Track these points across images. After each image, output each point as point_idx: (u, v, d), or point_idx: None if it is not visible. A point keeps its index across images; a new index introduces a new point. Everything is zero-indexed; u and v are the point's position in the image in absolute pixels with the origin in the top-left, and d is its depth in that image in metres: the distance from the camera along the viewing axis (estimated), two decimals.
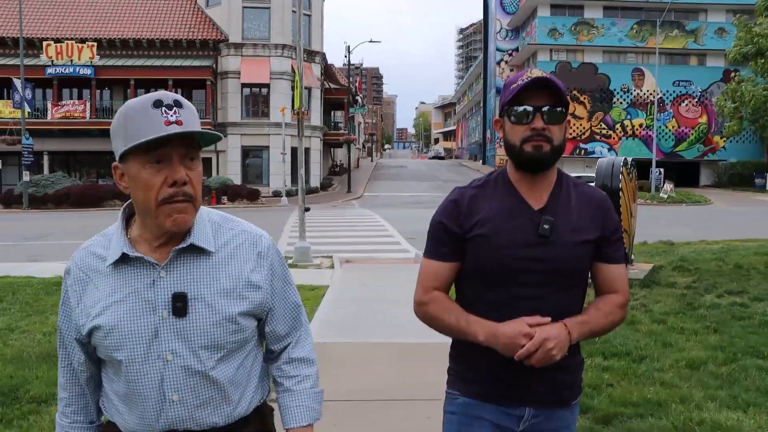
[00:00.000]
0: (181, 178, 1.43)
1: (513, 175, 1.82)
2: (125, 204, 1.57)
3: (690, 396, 4.09)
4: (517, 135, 1.75)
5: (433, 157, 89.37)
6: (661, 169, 41.64)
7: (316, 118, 41.66)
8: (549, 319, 1.66)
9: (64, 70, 36.24)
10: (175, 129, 1.40)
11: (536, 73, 1.76)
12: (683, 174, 48.82)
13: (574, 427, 1.89)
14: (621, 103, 49.83)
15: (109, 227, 1.56)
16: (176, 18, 40.53)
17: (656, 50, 41.54)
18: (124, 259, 1.49)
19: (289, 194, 34.13)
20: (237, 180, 37.19)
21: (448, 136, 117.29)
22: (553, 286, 1.73)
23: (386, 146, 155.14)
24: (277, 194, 35.19)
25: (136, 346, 1.46)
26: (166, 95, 1.45)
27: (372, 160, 77.30)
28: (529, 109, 1.73)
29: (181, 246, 1.49)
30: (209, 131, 1.48)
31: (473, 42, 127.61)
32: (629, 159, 8.32)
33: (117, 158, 1.48)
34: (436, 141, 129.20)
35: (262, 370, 1.67)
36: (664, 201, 34.50)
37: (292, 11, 39.37)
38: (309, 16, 39.93)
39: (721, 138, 47.45)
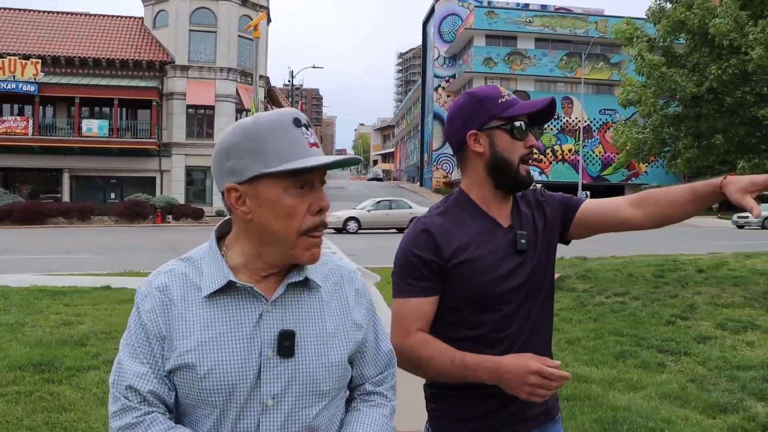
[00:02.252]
0: (327, 206, 1.32)
1: (481, 196, 1.76)
2: (217, 226, 1.43)
3: (563, 359, 5.64)
4: (516, 152, 1.70)
5: (372, 179, 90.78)
6: (587, 192, 44.42)
7: None
8: (558, 363, 1.55)
9: (6, 86, 36.27)
10: (318, 153, 1.30)
11: (506, 91, 1.75)
12: (609, 196, 51.74)
13: None
14: (552, 129, 52.66)
15: (191, 253, 1.39)
16: (123, 38, 41.07)
17: (582, 81, 44.57)
18: (226, 289, 1.31)
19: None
20: (181, 199, 37.81)
21: (387, 157, 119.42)
22: (537, 297, 1.72)
23: None
24: (220, 213, 35.99)
25: (238, 389, 1.27)
26: (301, 114, 1.32)
27: None
28: (522, 125, 1.70)
29: (295, 279, 1.35)
30: (356, 158, 1.35)
31: (412, 66, 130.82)
32: (538, 186, 9.97)
33: (238, 179, 1.29)
34: (375, 162, 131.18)
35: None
36: None
37: (238, 36, 40.61)
38: (253, 40, 41.07)
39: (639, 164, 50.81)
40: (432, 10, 62.20)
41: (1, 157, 37.15)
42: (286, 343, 1.30)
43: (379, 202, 29.54)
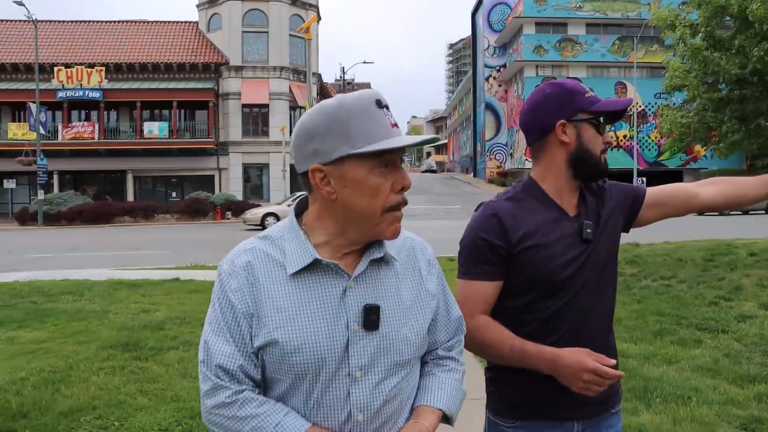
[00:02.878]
0: (409, 184, 1.36)
1: (554, 185, 1.79)
2: (295, 203, 1.49)
3: None
4: (598, 145, 1.76)
5: (426, 171, 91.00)
6: (644, 179, 43.70)
7: None
8: (614, 362, 1.61)
9: (74, 93, 38.17)
10: (399, 133, 1.35)
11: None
12: (667, 182, 50.64)
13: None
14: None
15: (269, 231, 1.43)
16: (179, 42, 42.55)
17: (634, 65, 43.83)
18: (309, 267, 1.35)
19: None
20: (239, 196, 39.00)
21: (440, 149, 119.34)
22: (598, 285, 1.75)
23: None
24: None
25: (328, 363, 1.33)
26: (381, 95, 1.36)
27: None
28: (601, 119, 1.78)
29: (377, 256, 1.40)
30: (433, 137, 1.40)
31: (463, 57, 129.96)
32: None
33: (324, 159, 1.33)
34: (429, 155, 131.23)
35: None
36: None
37: (289, 35, 41.52)
38: (305, 39, 41.96)
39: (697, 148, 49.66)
40: (480, 0, 61.93)
41: (70, 161, 39.09)
42: (372, 317, 1.35)
43: (298, 196, 29.64)
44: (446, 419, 1.48)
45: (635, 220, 1.88)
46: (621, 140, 51.39)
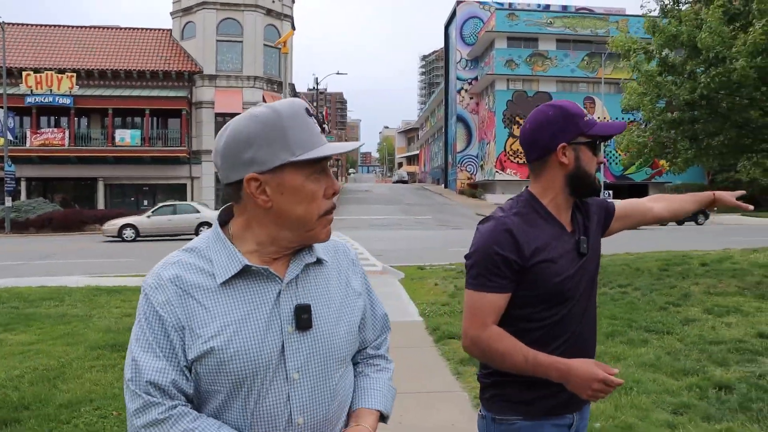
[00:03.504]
0: (338, 189, 1.41)
1: (553, 202, 1.90)
2: (219, 213, 1.48)
3: None
4: (593, 165, 1.88)
5: (397, 181, 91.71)
6: (610, 191, 44.83)
7: None
8: (617, 371, 1.72)
9: (44, 99, 37.84)
10: (338, 144, 1.42)
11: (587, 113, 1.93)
12: (633, 195, 52.23)
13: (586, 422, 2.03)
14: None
15: (193, 244, 1.42)
16: (153, 50, 42.53)
17: (602, 80, 45.09)
18: (240, 274, 1.36)
19: None
20: (212, 205, 39.02)
21: (412, 160, 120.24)
22: (590, 293, 1.91)
23: (351, 170, 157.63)
24: None
25: (265, 367, 1.32)
26: (304, 103, 1.39)
27: None
28: (597, 141, 1.90)
29: (310, 260, 1.44)
30: (355, 145, 1.43)
31: (436, 68, 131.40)
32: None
33: (260, 168, 1.33)
34: (400, 165, 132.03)
35: None
36: None
37: (264, 45, 41.85)
38: (278, 49, 42.34)
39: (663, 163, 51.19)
40: (453, 13, 62.96)
41: (40, 168, 38.77)
42: (304, 316, 1.36)
43: (160, 207, 27.52)
44: (382, 418, 1.53)
45: (605, 231, 2.07)
46: None
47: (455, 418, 4.49)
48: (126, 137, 39.40)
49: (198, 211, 26.99)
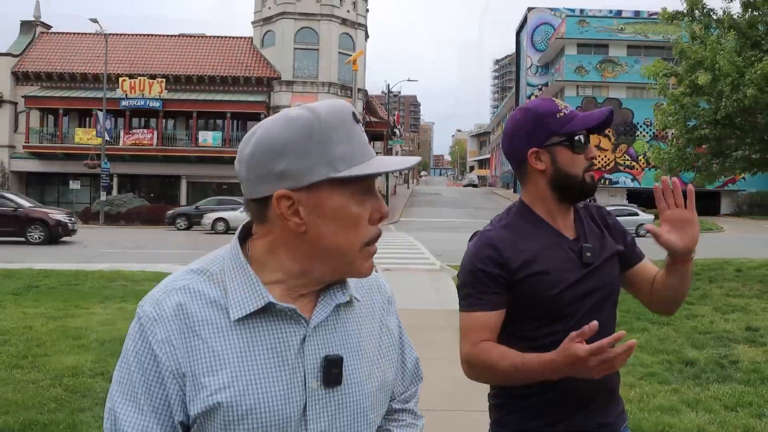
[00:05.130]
0: (387, 213, 1.15)
1: (545, 210, 1.75)
2: (239, 229, 1.20)
3: None
4: (577, 165, 1.71)
5: (467, 185, 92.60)
6: None
7: None
8: (595, 324, 1.41)
9: (136, 102, 41.10)
10: (389, 158, 1.17)
11: (563, 104, 1.76)
12: (704, 203, 51.60)
13: None
14: (644, 135, 52.60)
15: (205, 264, 1.15)
16: (235, 57, 45.20)
17: (669, 86, 44.86)
18: (259, 312, 1.09)
19: None
20: None
21: (483, 164, 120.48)
22: (603, 310, 1.69)
23: (422, 173, 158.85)
24: None
25: (283, 430, 1.08)
26: (354, 108, 1.15)
27: (408, 187, 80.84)
28: (582, 138, 1.71)
29: (342, 300, 1.17)
30: (411, 158, 1.16)
31: (508, 72, 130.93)
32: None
33: (294, 184, 1.07)
34: (472, 168, 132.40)
35: None
36: None
37: (339, 52, 43.81)
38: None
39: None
40: (525, 20, 63.40)
41: (130, 165, 41.98)
42: (334, 371, 1.11)
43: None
44: None
45: (626, 267, 1.83)
46: None
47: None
48: (208, 138, 42.19)
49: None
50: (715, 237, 28.30)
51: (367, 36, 47.31)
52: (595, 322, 1.42)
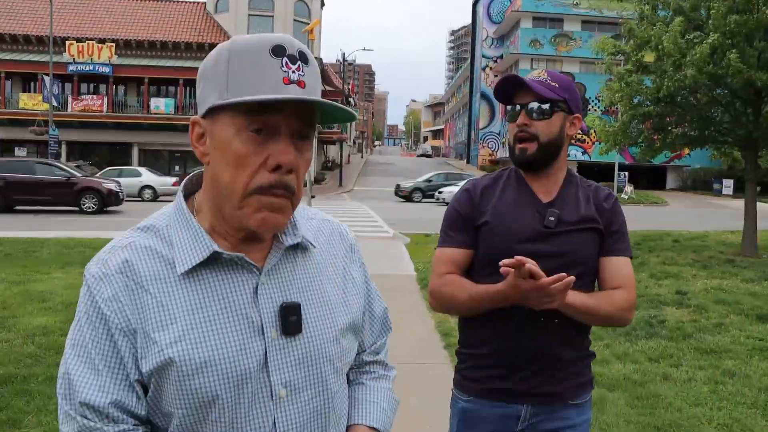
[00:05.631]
0: (289, 162, 1.02)
1: (524, 171, 1.87)
2: (186, 179, 1.16)
3: None
4: (511, 133, 1.84)
5: (421, 155, 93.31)
6: (626, 173, 45.87)
7: None
8: (529, 261, 1.52)
9: (85, 67, 39.95)
10: (296, 92, 1.01)
11: (533, 73, 1.88)
12: (652, 178, 53.41)
13: (586, 427, 1.85)
14: (596, 110, 53.69)
15: (151, 220, 1.12)
16: (187, 22, 44.30)
17: (621, 63, 45.93)
18: (207, 262, 1.06)
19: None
20: None
21: (437, 134, 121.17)
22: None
23: (376, 143, 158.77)
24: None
25: (242, 383, 1.04)
26: (290, 42, 1.04)
27: (362, 157, 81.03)
28: (516, 107, 1.81)
29: (291, 242, 1.13)
30: (343, 107, 1.06)
31: (464, 44, 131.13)
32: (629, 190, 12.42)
33: (201, 111, 1.06)
34: (425, 139, 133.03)
35: None
36: (625, 201, 38.92)
37: (294, 20, 43.36)
38: (308, 24, 43.82)
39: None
40: None
41: (79, 132, 40.98)
42: (292, 318, 1.08)
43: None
44: None
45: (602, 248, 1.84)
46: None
47: (420, 336, 6.20)
48: (160, 105, 41.45)
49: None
50: (659, 210, 29.52)
51: (322, 4, 46.90)
52: (527, 261, 1.52)
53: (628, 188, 41.39)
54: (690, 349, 5.65)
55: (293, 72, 1.01)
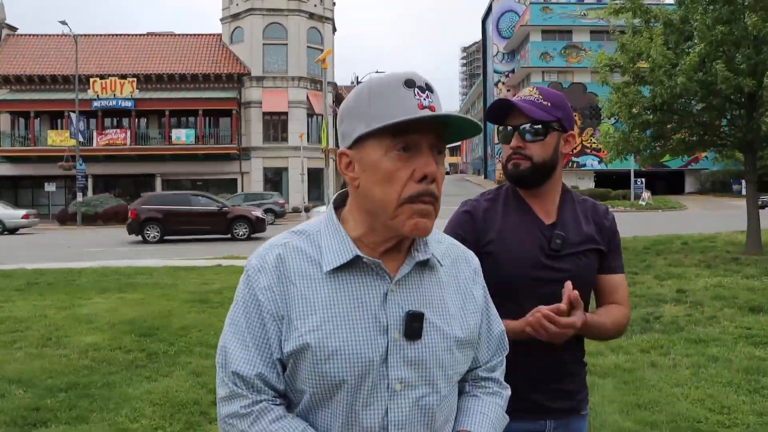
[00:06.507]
0: (432, 173, 1.19)
1: (521, 191, 1.84)
2: (334, 197, 1.35)
3: None
4: (504, 154, 1.83)
5: None
6: (642, 179, 46.01)
7: (330, 141, 46.58)
8: (563, 307, 1.58)
9: (108, 103, 41.34)
10: (430, 113, 1.18)
11: (524, 92, 1.81)
12: (670, 182, 53.42)
13: None
14: (609, 119, 53.95)
15: (304, 225, 1.32)
16: (204, 54, 45.57)
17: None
18: (348, 265, 1.23)
19: (307, 210, 38.83)
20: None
21: (454, 151, 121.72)
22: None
23: None
24: (296, 210, 39.83)
25: (365, 373, 1.19)
26: (417, 76, 1.23)
27: None
28: (507, 129, 1.80)
29: (422, 258, 1.28)
30: (471, 119, 1.21)
31: (476, 60, 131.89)
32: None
33: (348, 143, 1.24)
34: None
35: None
36: (643, 208, 39.05)
37: (307, 47, 44.44)
38: (321, 50, 44.84)
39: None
40: (490, 8, 64.42)
41: (104, 166, 42.26)
42: (415, 324, 1.22)
43: None
44: None
45: (601, 267, 1.86)
46: None
47: None
48: (181, 136, 42.64)
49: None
50: (677, 215, 29.71)
51: (334, 29, 47.93)
52: (562, 306, 1.58)
53: (645, 194, 41.53)
54: (680, 340, 6.13)
55: (424, 99, 1.19)
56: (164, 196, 24.44)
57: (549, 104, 1.77)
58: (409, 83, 1.19)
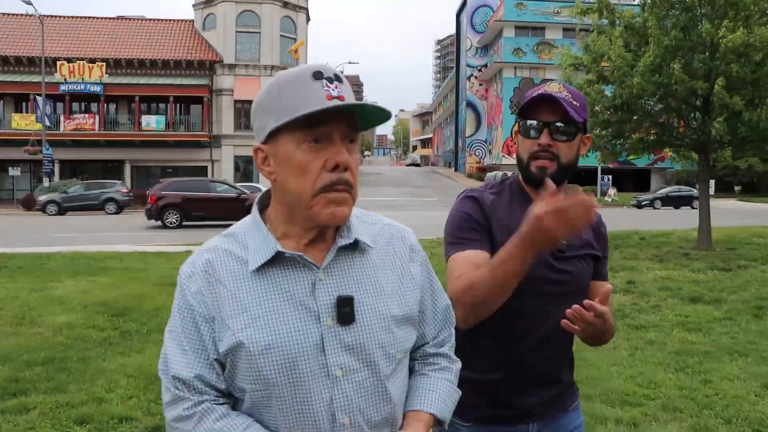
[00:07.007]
0: (344, 161, 1.21)
1: (527, 187, 1.79)
2: (259, 196, 1.38)
3: None
4: (525, 149, 1.73)
5: (410, 164, 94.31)
6: (609, 176, 47.03)
7: None
8: (555, 191, 1.54)
9: (76, 87, 40.87)
10: (338, 103, 1.19)
11: (553, 87, 1.72)
12: (636, 180, 54.63)
13: (582, 429, 1.90)
14: None
15: (233, 229, 1.35)
16: (176, 40, 45.28)
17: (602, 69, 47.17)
18: (273, 261, 1.25)
19: None
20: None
21: (426, 143, 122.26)
22: (563, 302, 1.57)
23: (366, 153, 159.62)
24: None
25: (300, 363, 1.21)
26: (326, 68, 1.24)
27: None
28: (536, 123, 1.71)
29: (344, 243, 1.29)
30: (381, 107, 1.23)
31: (450, 53, 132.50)
32: (508, 173, 13.39)
33: (261, 138, 1.26)
34: (414, 148, 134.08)
35: None
36: (609, 204, 40.03)
37: (280, 35, 44.42)
38: (295, 39, 44.89)
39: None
40: (465, 2, 64.86)
41: (71, 151, 41.81)
42: (345, 309, 1.25)
43: None
44: (438, 422, 1.38)
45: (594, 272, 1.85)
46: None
47: None
48: (151, 122, 42.38)
49: None
50: (641, 211, 30.49)
51: (308, 19, 47.95)
52: (552, 187, 1.57)
53: (611, 191, 42.59)
54: (624, 326, 6.59)
55: (333, 89, 1.20)
56: (184, 182, 24.66)
57: (578, 104, 1.72)
58: (317, 75, 1.21)
